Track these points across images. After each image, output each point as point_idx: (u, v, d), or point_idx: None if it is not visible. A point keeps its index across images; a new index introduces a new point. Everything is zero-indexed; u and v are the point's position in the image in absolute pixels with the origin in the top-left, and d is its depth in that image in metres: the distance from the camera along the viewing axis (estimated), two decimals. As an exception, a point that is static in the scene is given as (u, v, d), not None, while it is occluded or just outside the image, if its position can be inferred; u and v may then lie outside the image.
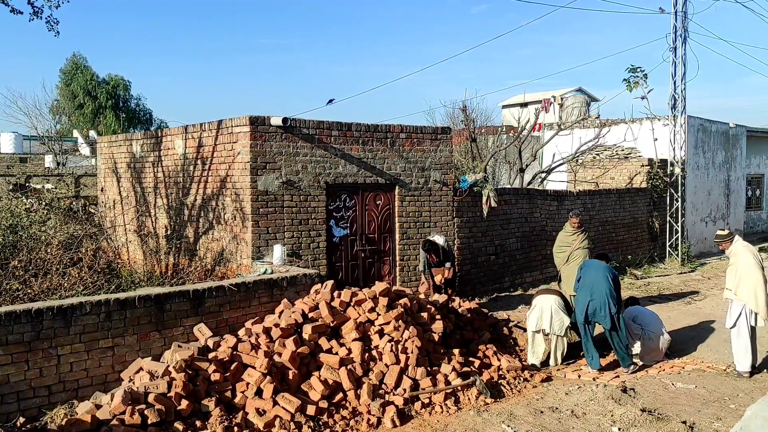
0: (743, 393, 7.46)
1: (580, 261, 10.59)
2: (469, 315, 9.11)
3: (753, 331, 7.99)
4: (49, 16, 9.79)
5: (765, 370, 8.28)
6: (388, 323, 7.57)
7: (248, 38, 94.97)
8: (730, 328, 8.06)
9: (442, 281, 10.00)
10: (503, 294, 12.58)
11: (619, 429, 6.38)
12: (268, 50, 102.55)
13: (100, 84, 39.65)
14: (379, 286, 7.97)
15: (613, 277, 8.55)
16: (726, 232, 8.37)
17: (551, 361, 8.60)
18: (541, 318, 8.50)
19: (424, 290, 9.78)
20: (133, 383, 6.34)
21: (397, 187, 10.50)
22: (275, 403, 6.41)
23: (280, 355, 6.87)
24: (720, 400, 7.23)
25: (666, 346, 8.80)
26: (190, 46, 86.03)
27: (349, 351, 7.22)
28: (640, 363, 8.55)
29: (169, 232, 10.98)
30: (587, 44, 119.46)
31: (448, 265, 10.04)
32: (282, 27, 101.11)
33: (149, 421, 5.88)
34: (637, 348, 8.68)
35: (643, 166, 17.58)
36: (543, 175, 17.15)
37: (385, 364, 7.22)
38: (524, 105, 29.16)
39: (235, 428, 6.14)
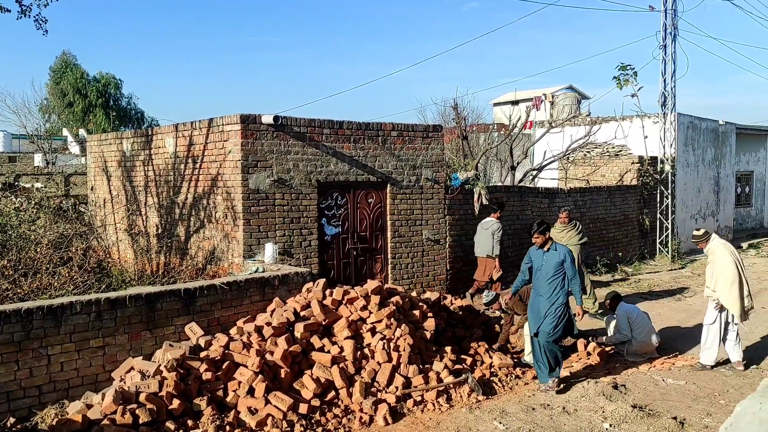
0: (733, 389, 7.52)
1: None
2: (461, 313, 9.13)
3: (726, 326, 8.18)
4: (37, 15, 9.73)
5: (754, 366, 8.35)
6: (380, 321, 7.57)
7: (241, 36, 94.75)
8: (710, 324, 8.17)
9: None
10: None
11: (611, 425, 6.41)
12: (260, 48, 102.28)
13: (90, 82, 39.38)
14: (371, 284, 7.97)
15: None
16: (701, 231, 8.46)
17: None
18: None
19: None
20: (124, 383, 6.31)
21: (388, 185, 10.49)
22: (267, 401, 6.40)
23: (272, 353, 6.85)
24: (710, 396, 7.28)
25: (649, 350, 8.85)
26: (182, 45, 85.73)
27: (341, 349, 7.21)
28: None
29: (159, 231, 10.93)
30: (578, 42, 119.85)
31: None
32: (275, 25, 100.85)
33: (140, 421, 5.86)
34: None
35: (633, 163, 17.67)
36: (534, 172, 17.19)
37: (377, 362, 7.22)
38: (515, 103, 29.25)
39: (227, 427, 6.13)
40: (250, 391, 6.49)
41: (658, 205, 17.60)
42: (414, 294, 9.01)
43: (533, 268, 7.74)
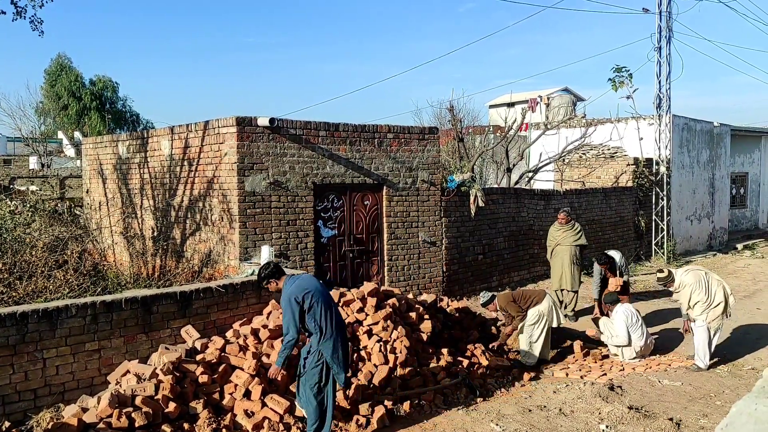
0: (729, 390, 7.54)
1: (562, 255, 10.82)
2: (457, 314, 9.13)
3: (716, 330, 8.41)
4: (32, 16, 9.72)
5: (750, 367, 8.38)
6: (376, 323, 7.57)
7: (237, 37, 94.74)
8: (699, 327, 8.27)
9: (618, 287, 10.23)
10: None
11: (607, 426, 6.42)
12: (256, 49, 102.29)
13: (84, 85, 39.31)
14: (367, 287, 7.97)
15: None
16: (665, 273, 8.45)
17: (543, 355, 8.66)
18: (555, 314, 8.83)
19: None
20: (120, 386, 6.29)
21: (384, 187, 10.50)
22: (264, 404, 6.39)
23: (268, 356, 6.84)
24: (706, 397, 7.30)
25: (646, 352, 8.86)
26: (178, 46, 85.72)
27: (338, 351, 7.20)
28: None
29: (155, 234, 10.91)
30: (573, 44, 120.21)
31: (624, 278, 10.46)
32: (270, 26, 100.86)
33: (136, 424, 5.84)
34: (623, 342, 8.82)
35: (628, 165, 17.70)
36: (530, 174, 17.22)
37: (374, 364, 7.21)
38: (511, 105, 29.33)
39: (224, 430, 6.11)
40: (247, 394, 6.48)
41: (654, 206, 17.64)
42: (410, 296, 9.00)
43: None
